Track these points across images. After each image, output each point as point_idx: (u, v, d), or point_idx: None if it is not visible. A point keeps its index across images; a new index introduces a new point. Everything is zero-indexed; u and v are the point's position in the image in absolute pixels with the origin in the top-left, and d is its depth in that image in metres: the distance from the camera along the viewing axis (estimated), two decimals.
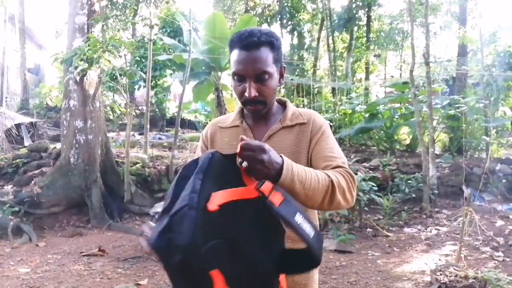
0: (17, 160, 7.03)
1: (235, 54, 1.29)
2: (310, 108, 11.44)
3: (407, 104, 10.01)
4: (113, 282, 3.84)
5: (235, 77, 1.30)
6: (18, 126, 9.42)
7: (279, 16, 16.60)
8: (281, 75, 1.36)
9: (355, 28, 16.01)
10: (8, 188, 6.25)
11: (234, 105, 10.72)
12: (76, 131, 6.48)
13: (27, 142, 8.98)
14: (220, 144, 1.41)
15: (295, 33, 17.11)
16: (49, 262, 4.43)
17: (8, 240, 5.17)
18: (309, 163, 1.33)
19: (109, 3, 10.95)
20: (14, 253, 4.73)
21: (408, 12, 8.88)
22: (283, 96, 14.58)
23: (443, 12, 14.87)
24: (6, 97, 12.87)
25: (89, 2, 6.65)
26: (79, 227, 5.89)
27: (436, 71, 9.36)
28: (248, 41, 1.26)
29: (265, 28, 1.35)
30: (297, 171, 1.08)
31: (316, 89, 13.26)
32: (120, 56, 7.05)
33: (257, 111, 1.33)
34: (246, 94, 1.27)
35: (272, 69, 1.29)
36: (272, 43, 1.29)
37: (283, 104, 1.46)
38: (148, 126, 8.31)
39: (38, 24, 31.75)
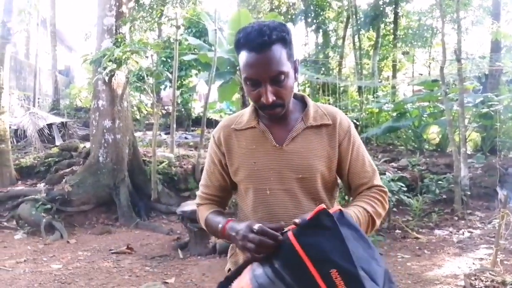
0: (49, 159, 7.25)
1: (244, 56, 1.15)
2: (336, 107, 11.28)
3: (436, 103, 9.73)
4: (141, 280, 3.89)
5: (248, 82, 1.18)
6: (49, 126, 9.70)
7: (304, 15, 16.47)
8: (296, 70, 1.24)
9: (382, 26, 15.68)
10: (41, 186, 6.45)
11: None
12: (105, 130, 6.61)
13: (58, 142, 9.25)
14: (237, 148, 1.31)
15: (320, 31, 16.94)
16: (80, 258, 4.53)
17: (41, 236, 5.33)
18: (338, 169, 1.30)
19: (136, 4, 11.14)
20: (47, 249, 4.87)
21: (438, 7, 8.62)
22: (308, 96, 14.42)
23: (475, 6, 14.37)
24: (38, 98, 13.28)
25: (117, 4, 6.76)
26: (108, 225, 6.01)
27: (467, 68, 9.04)
28: (258, 42, 1.12)
29: (272, 21, 1.19)
30: None
31: (342, 88, 13.09)
32: (147, 57, 7.15)
33: (276, 115, 1.22)
34: (263, 99, 1.16)
35: (288, 67, 1.16)
36: (284, 38, 1.15)
37: (300, 99, 1.35)
38: (175, 125, 8.39)
39: (68, 27, 32.72)
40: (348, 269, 0.91)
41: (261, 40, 1.12)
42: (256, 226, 1.02)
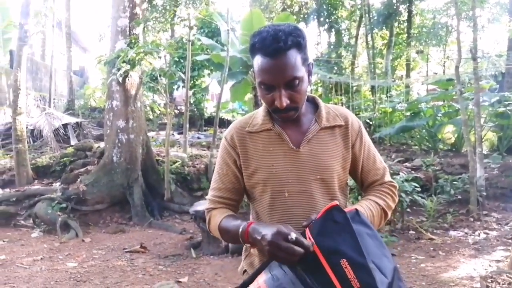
0: (64, 158, 7.37)
1: (259, 61, 1.16)
2: (349, 107, 11.22)
3: (451, 102, 9.59)
4: (155, 279, 3.92)
5: (262, 86, 1.20)
6: (65, 126, 9.85)
7: (316, 14, 16.39)
8: (310, 73, 1.24)
9: (395, 24, 15.50)
10: (57, 185, 6.55)
11: None
12: (119, 130, 6.68)
13: (73, 142, 9.38)
14: (253, 151, 1.31)
15: (333, 30, 16.83)
16: (94, 257, 4.59)
17: (57, 235, 5.42)
18: (351, 169, 1.36)
19: (150, 5, 11.23)
20: (62, 248, 4.95)
21: (454, 5, 8.49)
22: (320, 95, 14.45)
23: (492, 3, 14.10)
24: (54, 99, 13.49)
25: (131, 5, 6.84)
26: (122, 224, 6.08)
27: (483, 66, 8.89)
28: (274, 48, 1.12)
29: (287, 25, 1.19)
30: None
31: (354, 88, 12.99)
32: (160, 57, 7.21)
33: (289, 118, 1.24)
34: (277, 103, 1.18)
35: (302, 72, 1.17)
36: (299, 43, 1.16)
37: (311, 101, 1.36)
38: (187, 125, 8.44)
39: (83, 28, 33.24)
40: (357, 259, 0.95)
41: (276, 46, 1.13)
42: (293, 236, 1.00)
